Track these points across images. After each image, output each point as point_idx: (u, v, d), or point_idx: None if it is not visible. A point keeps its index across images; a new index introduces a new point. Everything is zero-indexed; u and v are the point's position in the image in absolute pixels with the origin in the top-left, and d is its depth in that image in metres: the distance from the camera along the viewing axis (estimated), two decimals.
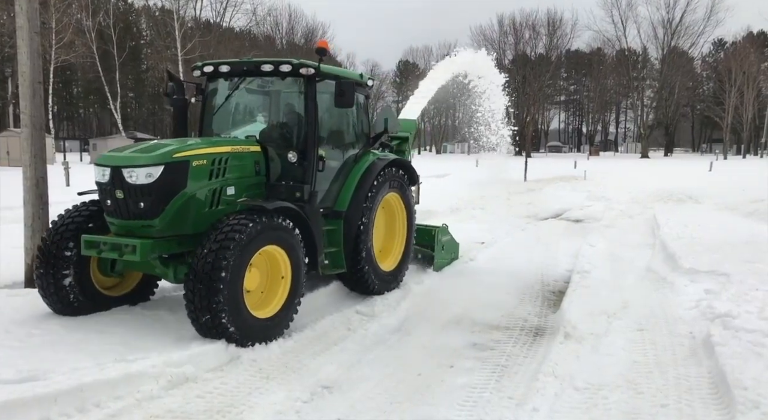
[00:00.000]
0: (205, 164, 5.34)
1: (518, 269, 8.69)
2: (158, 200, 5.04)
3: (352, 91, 5.98)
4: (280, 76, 6.03)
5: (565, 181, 25.94)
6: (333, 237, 6.50)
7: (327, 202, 6.48)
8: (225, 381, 4.42)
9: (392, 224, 7.50)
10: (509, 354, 5.23)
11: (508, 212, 15.16)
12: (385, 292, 7.01)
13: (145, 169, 4.99)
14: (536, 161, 40.34)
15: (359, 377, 4.63)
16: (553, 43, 75.70)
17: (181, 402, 4.04)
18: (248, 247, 4.92)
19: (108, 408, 3.81)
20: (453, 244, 8.92)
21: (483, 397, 4.27)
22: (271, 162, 6.01)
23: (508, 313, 6.54)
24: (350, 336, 5.66)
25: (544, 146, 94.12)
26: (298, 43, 66.68)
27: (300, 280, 5.52)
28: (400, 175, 7.30)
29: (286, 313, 5.45)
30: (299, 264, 5.48)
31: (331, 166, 6.51)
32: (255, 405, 4.04)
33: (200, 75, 6.36)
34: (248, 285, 5.10)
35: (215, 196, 5.47)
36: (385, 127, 7.35)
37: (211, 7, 53.40)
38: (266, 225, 5.09)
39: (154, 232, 5.11)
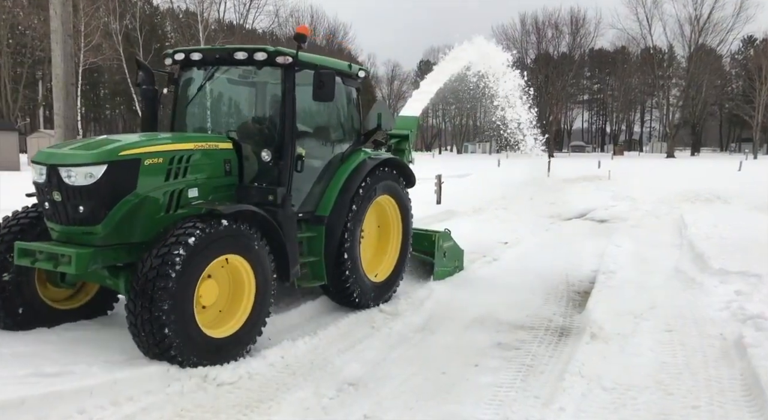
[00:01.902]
0: (160, 163, 4.73)
1: (542, 269, 8.62)
2: (100, 204, 4.42)
3: (333, 82, 5.30)
4: (255, 65, 5.45)
5: (589, 181, 25.64)
6: (313, 245, 5.90)
7: (308, 206, 5.89)
8: (253, 377, 4.48)
9: (385, 230, 6.89)
10: (534, 354, 5.20)
11: (531, 212, 15.04)
12: (376, 306, 6.37)
13: (85, 169, 4.37)
14: (559, 161, 39.92)
15: (384, 375, 4.66)
16: (576, 41, 74.89)
17: (210, 397, 4.11)
18: (200, 257, 4.32)
19: (140, 402, 3.90)
20: (456, 251, 8.16)
21: (509, 396, 4.26)
22: (245, 161, 5.43)
23: (532, 313, 6.50)
24: (374, 334, 5.69)
25: (567, 146, 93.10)
26: (320, 44, 67.09)
27: (266, 295, 4.91)
28: (394, 175, 6.68)
29: (248, 332, 4.79)
30: (265, 276, 4.87)
31: (313, 165, 5.94)
32: (282, 401, 4.09)
33: (172, 63, 5.85)
34: (204, 299, 4.54)
35: (173, 199, 4.84)
36: (378, 124, 6.70)
37: (234, 8, 54.12)
38: (223, 231, 4.49)
39: (96, 239, 4.48)
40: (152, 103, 5.83)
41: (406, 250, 6.95)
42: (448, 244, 7.94)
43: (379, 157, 6.53)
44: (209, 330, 4.53)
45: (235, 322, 4.74)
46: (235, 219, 4.66)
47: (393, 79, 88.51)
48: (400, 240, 6.89)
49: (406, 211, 6.93)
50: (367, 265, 6.44)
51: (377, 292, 6.46)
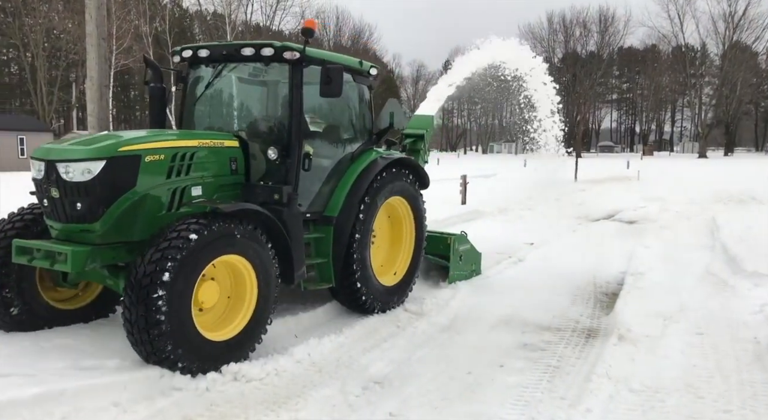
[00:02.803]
0: (161, 160, 4.60)
1: (569, 270, 8.53)
2: (98, 201, 4.31)
3: (340, 77, 5.14)
4: (263, 61, 5.31)
5: (617, 181, 25.26)
6: (321, 246, 5.71)
7: (316, 206, 5.74)
8: (280, 373, 4.55)
9: (398, 232, 6.68)
10: (561, 355, 5.16)
11: (558, 213, 14.88)
12: (387, 311, 6.18)
13: (83, 164, 4.27)
14: (587, 161, 39.38)
15: (410, 374, 4.68)
16: (605, 40, 73.90)
17: (238, 393, 4.19)
18: (198, 257, 4.16)
19: (172, 396, 4.00)
20: (473, 254, 7.87)
21: (535, 397, 4.24)
22: (252, 159, 5.31)
23: (559, 314, 6.45)
24: (399, 333, 5.71)
25: (594, 146, 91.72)
26: (345, 44, 67.49)
27: (269, 297, 4.75)
28: (406, 176, 6.46)
29: (250, 335, 4.65)
30: (268, 278, 4.72)
31: (322, 165, 5.79)
32: (309, 397, 4.15)
33: (180, 61, 5.75)
34: (203, 301, 4.40)
35: (175, 197, 4.71)
36: (390, 123, 6.53)
37: (261, 10, 54.78)
38: (223, 231, 4.34)
39: (94, 237, 4.37)
40: (160, 101, 5.73)
41: (420, 254, 6.74)
42: (465, 247, 7.67)
43: (390, 156, 6.33)
44: (209, 333, 4.36)
45: (236, 325, 4.58)
46: (238, 218, 4.50)
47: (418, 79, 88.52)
48: (413, 243, 6.68)
49: (419, 213, 6.72)
50: (378, 268, 6.26)
51: (388, 296, 6.24)
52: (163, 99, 5.72)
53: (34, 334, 4.85)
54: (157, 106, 5.72)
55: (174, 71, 5.91)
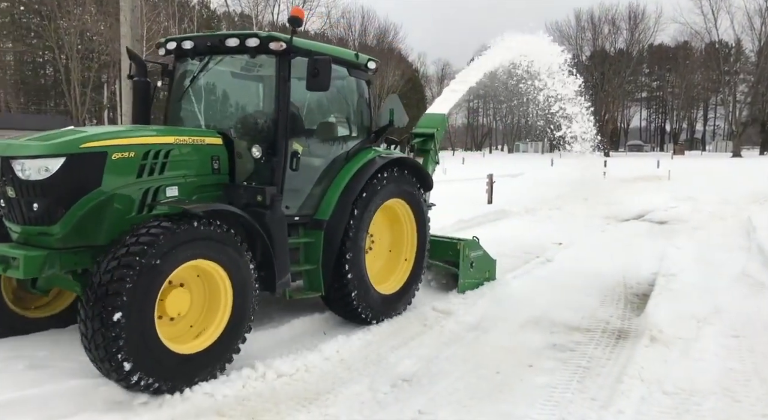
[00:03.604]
0: (131, 157, 4.24)
1: (598, 271, 8.41)
2: (57, 201, 3.97)
3: (328, 70, 4.76)
4: (249, 52, 4.96)
5: (647, 181, 24.81)
6: (311, 252, 5.32)
7: (307, 208, 5.38)
8: (310, 369, 4.60)
9: (398, 237, 6.29)
10: (591, 356, 5.10)
11: (586, 213, 14.70)
12: (384, 319, 5.81)
13: (39, 161, 3.93)
14: (615, 160, 38.74)
15: (438, 372, 4.68)
16: (635, 37, 72.45)
17: (269, 387, 4.25)
18: (163, 261, 3.78)
19: (205, 387, 4.10)
20: (486, 261, 7.37)
21: (565, 398, 4.20)
22: (238, 158, 4.97)
23: (588, 314, 6.37)
24: (427, 332, 5.71)
25: (623, 145, 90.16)
26: (370, 44, 67.59)
27: (246, 306, 4.37)
28: (406, 177, 6.05)
29: (225, 347, 4.25)
30: (245, 286, 4.34)
31: (313, 164, 5.45)
32: (339, 394, 4.19)
33: (165, 54, 5.45)
34: (172, 309, 4.03)
35: (147, 198, 4.36)
36: (390, 120, 6.19)
37: (287, 11, 55.15)
38: (191, 234, 3.95)
39: (53, 241, 4.03)
40: (144, 96, 5.44)
41: (422, 260, 6.35)
42: (476, 253, 7.16)
43: (389, 156, 5.95)
44: (176, 345, 4.01)
45: (207, 337, 4.20)
46: (210, 220, 4.13)
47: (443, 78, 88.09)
48: (415, 248, 6.28)
49: (422, 216, 6.32)
50: (375, 275, 5.89)
51: (386, 305, 5.85)
52: (147, 94, 5.45)
53: None
54: (141, 101, 5.44)
55: (160, 65, 5.62)
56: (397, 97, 6.82)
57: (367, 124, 6.02)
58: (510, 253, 9.55)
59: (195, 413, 3.77)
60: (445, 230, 11.15)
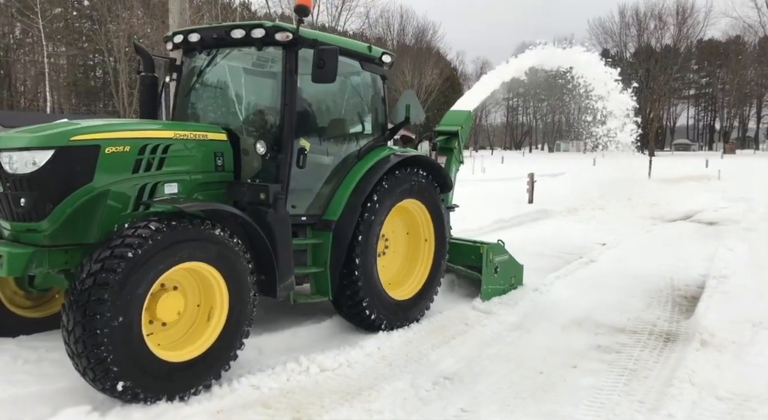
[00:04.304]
0: (126, 152, 4.04)
1: (644, 272, 8.19)
2: (44, 196, 3.78)
3: (335, 61, 4.49)
4: (255, 44, 4.75)
5: (695, 180, 24.01)
6: (318, 254, 5.08)
7: (315, 208, 5.15)
8: (352, 365, 4.64)
9: (414, 240, 5.98)
10: (637, 358, 4.98)
11: (631, 213, 14.34)
12: (398, 328, 5.46)
13: (27, 154, 3.75)
14: (661, 160, 37.58)
15: (480, 371, 4.66)
16: (683, 32, 70.02)
17: (312, 381, 4.31)
18: (151, 263, 3.55)
19: (251, 379, 4.20)
20: (512, 266, 6.95)
21: (611, 400, 4.12)
22: (244, 155, 4.76)
23: (634, 316, 6.22)
24: (468, 331, 5.69)
25: (669, 144, 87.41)
26: (409, 43, 67.57)
27: (242, 313, 4.11)
28: (422, 176, 5.73)
29: (219, 354, 4.01)
30: (242, 290, 4.08)
31: (322, 162, 5.22)
32: (381, 390, 4.22)
33: (173, 48, 5.29)
34: (165, 314, 3.78)
35: (144, 195, 4.16)
36: (406, 116, 5.91)
37: (326, 11, 55.68)
38: (185, 234, 3.73)
39: (41, 238, 3.85)
40: (151, 92, 5.27)
41: (440, 265, 6.01)
42: (501, 258, 6.75)
43: (404, 154, 5.67)
44: (165, 352, 3.78)
45: (200, 344, 3.95)
46: (205, 219, 3.93)
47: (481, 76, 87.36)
48: (433, 251, 5.95)
49: (439, 218, 5.98)
50: (390, 280, 5.66)
51: (400, 311, 5.54)
52: (155, 89, 5.29)
53: None
54: (149, 96, 5.27)
55: (168, 59, 5.49)
56: (413, 92, 6.54)
57: (382, 121, 5.78)
58: (552, 254, 9.44)
59: (242, 404, 3.86)
60: (484, 230, 11.11)
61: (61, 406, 3.58)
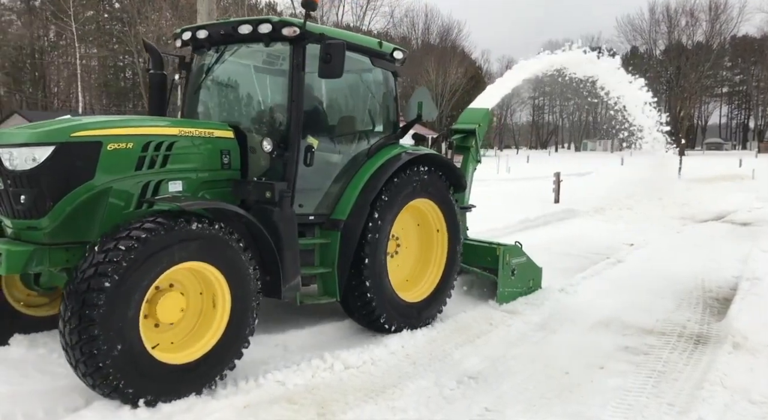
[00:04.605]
0: (129, 148, 3.96)
1: (674, 273, 8.03)
2: (44, 193, 3.72)
3: (342, 55, 4.38)
4: (263, 40, 4.67)
5: (728, 180, 23.43)
6: (326, 254, 4.97)
7: (323, 207, 5.06)
8: (376, 363, 4.65)
9: (427, 240, 5.84)
10: (666, 360, 4.89)
11: (660, 213, 14.06)
12: (410, 329, 5.34)
13: (26, 150, 3.68)
14: (692, 159, 36.78)
15: (505, 370, 4.63)
16: (716, 29, 68.26)
17: (337, 378, 4.33)
18: (149, 263, 3.48)
19: (279, 373, 4.26)
20: (530, 269, 6.74)
21: (639, 401, 4.05)
22: (251, 153, 4.67)
23: (663, 318, 6.10)
24: (493, 331, 5.65)
25: (701, 143, 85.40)
26: (433, 42, 67.37)
27: (245, 314, 4.01)
28: (435, 175, 5.60)
29: (221, 356, 3.92)
30: (245, 291, 3.99)
31: (331, 160, 5.13)
32: (405, 388, 4.21)
33: (181, 45, 5.21)
34: (165, 315, 3.71)
35: (147, 193, 4.09)
36: (418, 114, 5.77)
37: (351, 11, 55.88)
38: (186, 233, 3.64)
39: (41, 236, 3.80)
40: (160, 89, 5.23)
41: (453, 266, 5.87)
42: (518, 260, 6.55)
43: (415, 152, 5.53)
44: (165, 354, 3.71)
45: (201, 346, 3.87)
46: (207, 218, 3.84)
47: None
48: (446, 253, 5.80)
49: (453, 218, 5.82)
50: (401, 282, 5.54)
51: (412, 314, 5.43)
52: (163, 87, 5.25)
53: None
54: (157, 94, 5.22)
55: (176, 57, 5.45)
56: (426, 89, 6.39)
57: (393, 119, 5.65)
58: (578, 254, 9.33)
59: (268, 399, 3.90)
60: (509, 230, 11.01)
61: (94, 398, 3.66)
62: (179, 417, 3.56)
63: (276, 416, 3.69)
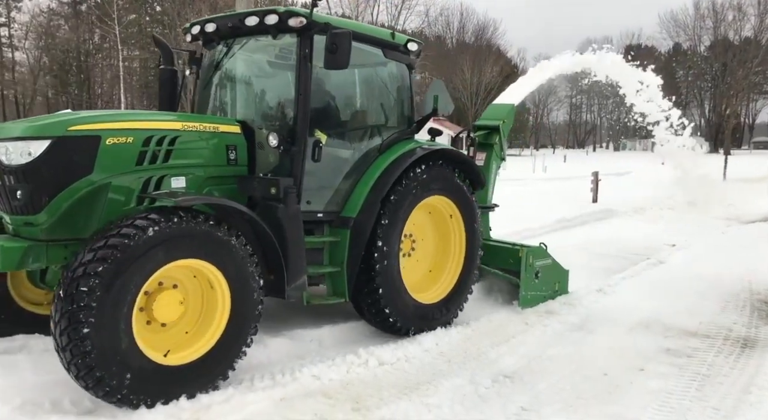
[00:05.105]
0: (129, 143, 3.84)
1: (718, 274, 7.77)
2: (40, 188, 3.62)
3: (348, 45, 4.24)
4: (270, 32, 4.55)
5: None
6: (335, 252, 4.82)
7: (333, 205, 4.91)
8: (410, 360, 4.65)
9: (444, 240, 5.62)
10: (711, 363, 4.73)
11: (703, 214, 13.62)
12: (420, 332, 5.14)
13: (22, 144, 3.58)
14: (738, 159, 35.51)
15: (541, 371, 4.56)
16: (765, 23, 65.61)
17: (371, 374, 4.35)
18: (143, 260, 3.37)
19: (315, 367, 4.30)
20: (555, 271, 6.43)
21: (682, 405, 3.94)
22: (259, 149, 4.52)
23: (707, 320, 5.91)
24: (528, 330, 5.57)
25: (747, 142, 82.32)
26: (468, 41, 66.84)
27: (246, 314, 3.88)
28: (451, 171, 5.42)
29: (220, 357, 3.80)
30: (245, 291, 3.85)
31: (341, 156, 4.99)
32: (439, 385, 4.20)
33: (191, 40, 5.14)
34: (161, 314, 3.60)
35: (149, 189, 3.99)
36: (434, 108, 5.60)
37: (386, 10, 55.90)
38: (176, 230, 3.49)
39: (38, 232, 3.70)
40: (171, 85, 5.14)
41: (471, 266, 5.67)
42: (542, 262, 6.26)
43: (430, 147, 5.33)
44: (162, 355, 3.61)
45: (199, 347, 3.76)
46: (207, 215, 3.72)
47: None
48: (464, 253, 5.59)
49: (471, 217, 5.60)
50: (417, 283, 5.36)
51: (427, 316, 5.25)
52: (174, 82, 5.17)
53: None
54: (168, 90, 5.14)
55: (186, 52, 5.42)
56: (442, 82, 6.11)
57: (408, 114, 5.48)
58: (617, 254, 9.13)
59: (304, 393, 3.94)
60: (545, 229, 10.85)
61: None
62: (218, 408, 3.63)
63: (312, 409, 3.72)
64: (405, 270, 5.13)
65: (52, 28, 53.47)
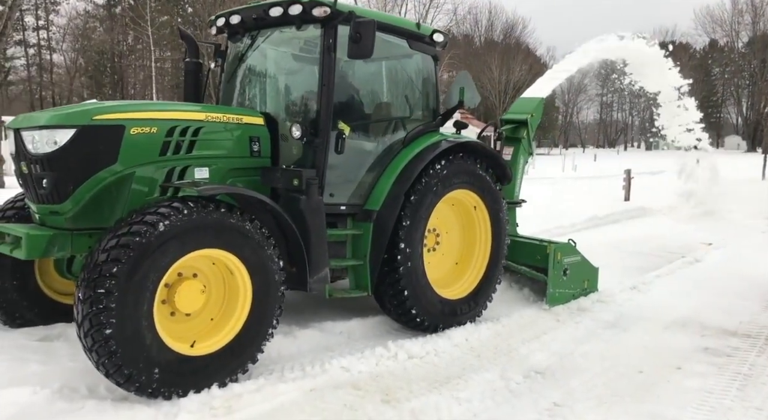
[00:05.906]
0: (153, 133, 3.86)
1: (758, 274, 7.52)
2: (65, 177, 3.65)
3: (372, 34, 4.17)
4: (294, 23, 4.52)
5: None
6: (358, 245, 4.77)
7: (356, 197, 4.87)
8: (439, 354, 4.62)
9: (469, 235, 5.54)
10: (752, 363, 4.58)
11: (741, 213, 13.20)
12: (446, 329, 5.06)
13: (47, 133, 3.62)
14: None
15: (573, 367, 4.47)
16: None
17: (401, 367, 4.33)
18: (161, 252, 3.35)
19: (344, 359, 4.30)
20: (585, 269, 6.25)
21: (722, 404, 3.81)
22: (283, 141, 4.56)
23: (747, 320, 5.72)
24: (560, 327, 5.48)
25: None
26: (497, 39, 66.25)
27: (268, 306, 3.86)
28: (476, 165, 5.32)
29: (242, 348, 3.79)
30: (267, 282, 3.83)
31: (365, 148, 4.95)
32: (469, 379, 4.15)
33: (216, 32, 5.15)
34: (184, 304, 3.60)
35: (172, 179, 4.01)
36: (459, 100, 5.48)
37: (414, 9, 55.78)
38: (198, 220, 3.48)
39: (63, 221, 3.74)
40: (195, 78, 5.15)
41: (497, 262, 5.56)
42: (571, 259, 6.08)
43: (455, 140, 5.24)
44: (188, 346, 3.62)
45: (226, 333, 3.76)
46: (229, 205, 3.70)
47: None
48: (490, 248, 5.50)
49: (497, 212, 5.50)
50: (441, 278, 5.29)
51: (451, 312, 5.16)
52: (198, 75, 5.18)
53: None
54: (192, 82, 5.15)
55: (212, 45, 5.43)
56: (468, 74, 5.98)
57: (433, 106, 5.41)
58: (650, 253, 8.93)
59: (333, 385, 3.94)
60: (577, 227, 10.67)
61: None
62: (249, 397, 3.65)
63: (342, 400, 3.72)
64: (430, 265, 5.07)
65: (88, 31, 54.85)
